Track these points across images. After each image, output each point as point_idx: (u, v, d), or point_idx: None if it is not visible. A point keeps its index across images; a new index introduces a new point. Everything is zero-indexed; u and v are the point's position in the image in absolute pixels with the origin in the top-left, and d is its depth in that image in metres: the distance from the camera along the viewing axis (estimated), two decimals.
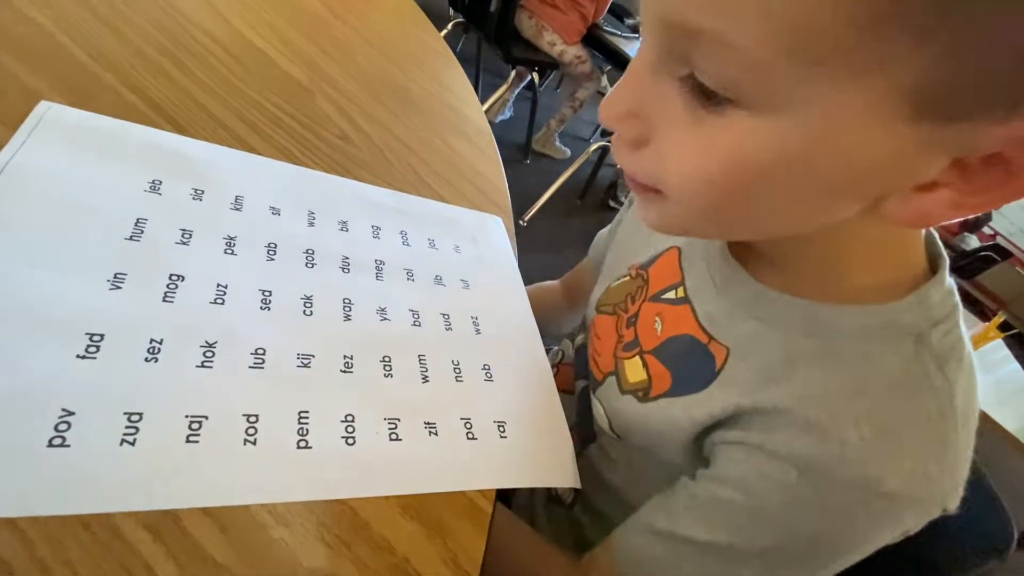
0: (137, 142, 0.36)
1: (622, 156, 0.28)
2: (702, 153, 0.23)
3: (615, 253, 0.50)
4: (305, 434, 0.28)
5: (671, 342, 0.37)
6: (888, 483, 0.26)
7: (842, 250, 0.29)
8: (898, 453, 0.27)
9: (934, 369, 0.28)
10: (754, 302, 0.33)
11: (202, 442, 0.25)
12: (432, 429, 0.32)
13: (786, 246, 0.31)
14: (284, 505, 0.25)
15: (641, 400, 0.37)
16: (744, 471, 0.30)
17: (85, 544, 0.21)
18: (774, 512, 0.29)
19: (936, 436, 0.27)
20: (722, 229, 0.30)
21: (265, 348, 0.30)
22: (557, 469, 0.35)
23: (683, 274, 0.39)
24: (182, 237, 0.32)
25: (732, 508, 0.30)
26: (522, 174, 2.41)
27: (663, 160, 0.25)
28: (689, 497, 0.33)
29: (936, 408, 0.27)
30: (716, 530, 0.31)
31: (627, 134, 0.26)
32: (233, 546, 0.23)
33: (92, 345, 0.25)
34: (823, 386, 0.29)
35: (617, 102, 0.26)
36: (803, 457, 0.28)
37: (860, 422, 0.27)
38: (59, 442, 0.22)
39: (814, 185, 0.23)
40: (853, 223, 0.26)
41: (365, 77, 0.62)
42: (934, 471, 0.27)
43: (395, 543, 0.26)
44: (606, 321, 0.44)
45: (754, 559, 0.30)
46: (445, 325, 0.39)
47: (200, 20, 0.51)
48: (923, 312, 0.29)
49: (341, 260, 0.38)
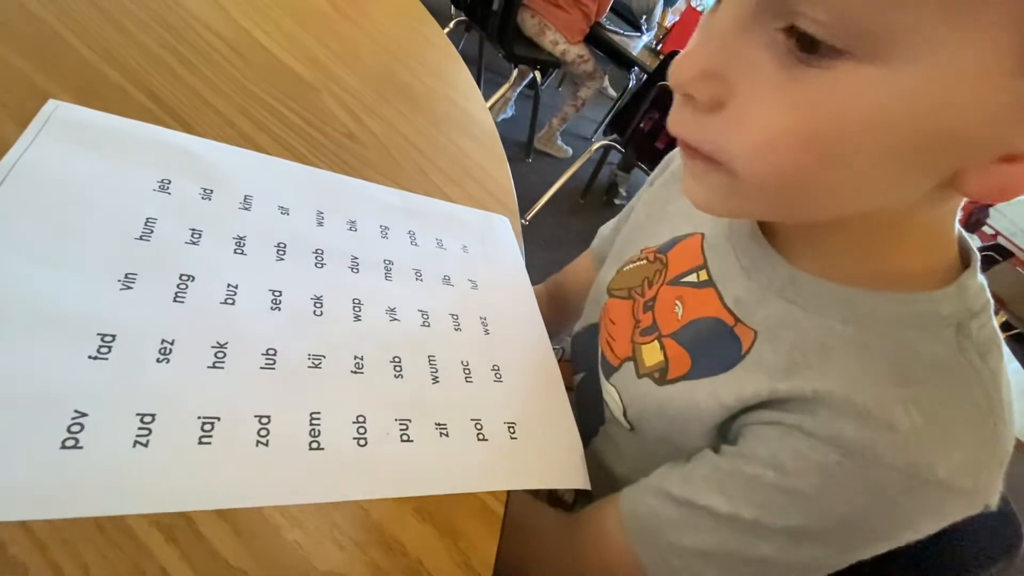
0: (145, 141, 0.35)
1: (686, 123, 0.26)
2: (796, 113, 0.22)
3: (627, 236, 0.49)
4: (317, 435, 0.27)
5: (693, 324, 0.36)
6: (939, 471, 0.26)
7: (886, 236, 0.29)
8: (949, 441, 0.26)
9: (977, 359, 0.27)
10: (787, 285, 0.32)
11: (215, 444, 0.25)
12: (443, 430, 0.31)
13: (827, 230, 0.31)
14: (297, 507, 0.25)
15: (658, 383, 0.36)
16: (777, 449, 0.29)
17: (99, 546, 0.21)
18: (808, 492, 0.28)
19: (986, 426, 0.27)
20: (784, 206, 0.28)
21: (276, 349, 0.30)
22: (567, 470, 0.34)
23: (705, 258, 0.38)
24: (192, 237, 0.32)
25: (759, 484, 0.29)
26: (524, 173, 2.41)
27: (742, 124, 0.24)
28: (712, 468, 0.32)
29: (984, 397, 0.27)
30: (739, 504, 0.30)
31: (703, 96, 0.24)
32: (247, 548, 0.23)
33: (104, 346, 0.25)
34: (864, 371, 0.28)
35: (693, 61, 0.24)
36: (849, 440, 0.27)
37: (909, 407, 0.26)
38: (72, 444, 0.22)
39: (907, 150, 0.22)
40: (907, 207, 0.26)
41: (370, 74, 0.62)
42: (984, 462, 0.26)
43: (408, 545, 0.26)
44: (621, 305, 0.43)
45: (778, 535, 0.29)
46: (454, 325, 0.38)
47: (206, 18, 0.51)
48: (962, 303, 0.28)
49: (350, 260, 0.38)
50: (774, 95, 0.23)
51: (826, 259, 0.32)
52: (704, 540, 0.31)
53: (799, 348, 0.30)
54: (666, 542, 0.32)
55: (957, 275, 0.29)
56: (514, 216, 0.55)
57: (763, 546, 0.29)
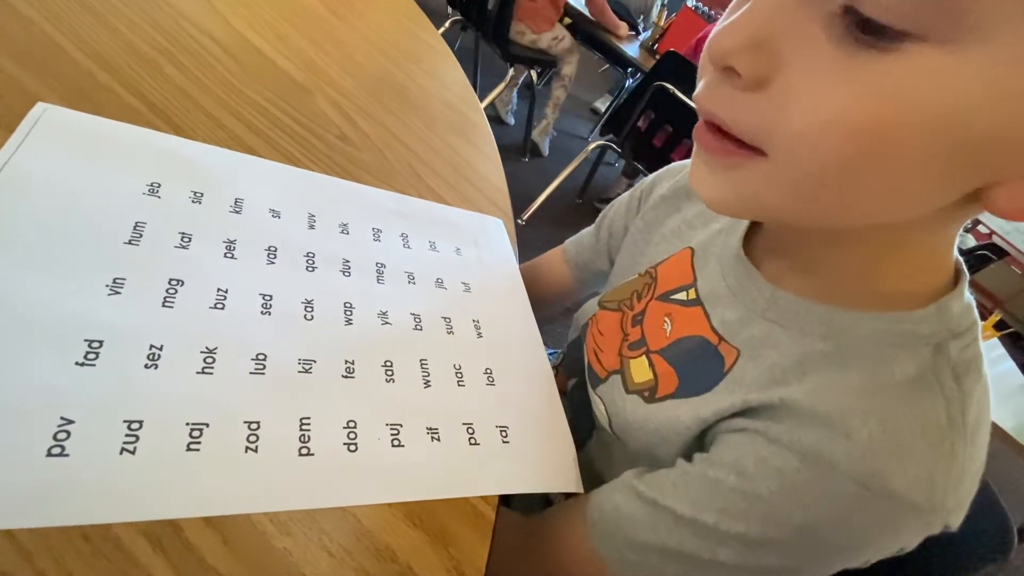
0: (135, 144, 0.35)
1: (724, 100, 0.24)
2: (853, 97, 0.20)
3: (628, 253, 0.49)
4: (307, 441, 0.27)
5: (680, 343, 0.37)
6: (892, 484, 0.26)
7: (881, 257, 0.29)
8: (904, 455, 0.26)
9: (949, 380, 0.27)
10: (769, 306, 0.33)
11: (203, 450, 0.25)
12: (435, 435, 0.31)
13: (820, 250, 0.31)
14: (286, 514, 0.25)
15: (647, 400, 0.36)
16: (741, 455, 0.29)
17: (85, 556, 0.20)
18: (766, 497, 0.28)
19: (944, 446, 0.26)
20: (810, 203, 0.25)
21: (266, 354, 0.30)
22: (560, 474, 0.34)
23: (695, 276, 0.39)
24: (181, 241, 0.32)
25: (721, 487, 0.29)
26: (520, 173, 2.41)
27: (792, 104, 0.22)
28: (680, 473, 0.32)
29: (946, 417, 0.27)
30: (701, 508, 0.30)
31: (749, 69, 0.22)
32: (235, 556, 0.23)
33: (91, 352, 0.25)
34: (834, 383, 0.29)
35: (740, 30, 0.22)
36: (807, 447, 0.27)
37: (869, 419, 0.27)
38: (58, 451, 0.22)
39: (951, 151, 0.21)
40: (918, 224, 0.25)
41: (364, 76, 0.62)
42: (939, 480, 0.26)
43: (398, 551, 0.26)
44: (609, 317, 0.44)
45: (733, 541, 0.29)
46: (447, 329, 0.38)
47: (198, 19, 0.51)
48: (942, 323, 0.28)
49: (342, 263, 0.38)
50: (829, 76, 0.21)
51: (811, 279, 0.32)
52: (662, 540, 0.31)
53: (779, 365, 0.31)
54: (624, 537, 0.32)
55: (942, 296, 0.29)
56: (508, 218, 0.54)
57: (721, 551, 0.29)
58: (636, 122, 1.88)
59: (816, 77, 0.21)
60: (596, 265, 0.56)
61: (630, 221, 0.51)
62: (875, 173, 0.22)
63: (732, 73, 0.23)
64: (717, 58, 0.23)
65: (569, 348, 0.51)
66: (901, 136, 0.21)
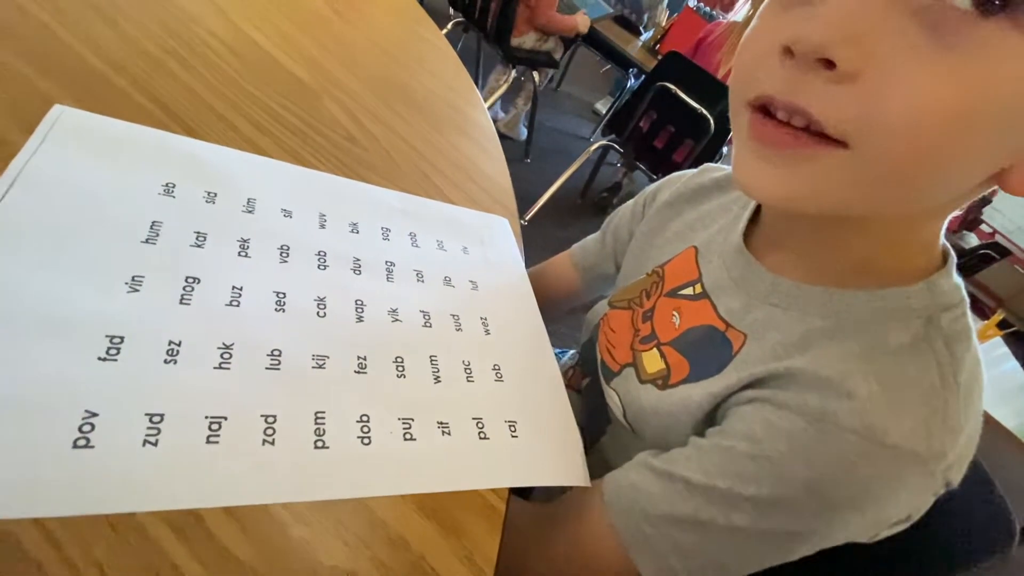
0: (150, 145, 0.36)
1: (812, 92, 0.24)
2: (949, 86, 0.21)
3: (634, 257, 0.51)
4: (322, 434, 0.28)
5: (689, 332, 0.39)
6: (891, 435, 0.27)
7: (883, 243, 0.31)
8: (901, 409, 0.28)
9: (941, 346, 0.29)
10: (770, 292, 0.35)
11: (222, 443, 0.25)
12: (445, 429, 0.32)
13: (822, 240, 0.33)
14: (303, 504, 0.26)
15: (660, 388, 0.38)
16: (750, 422, 0.31)
17: (112, 544, 0.21)
18: (775, 458, 0.29)
19: (937, 401, 0.28)
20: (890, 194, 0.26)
21: (281, 349, 0.30)
22: (568, 467, 0.35)
23: (700, 272, 0.41)
24: (197, 240, 0.33)
25: (733, 454, 0.31)
26: (523, 173, 2.42)
27: (885, 97, 0.22)
28: (693, 447, 0.33)
29: (939, 377, 0.28)
30: (714, 475, 0.31)
31: (845, 62, 0.22)
32: (254, 545, 0.23)
33: (112, 347, 0.26)
34: (834, 352, 0.30)
35: (836, 22, 0.22)
36: (813, 408, 0.29)
37: (868, 378, 0.28)
38: (83, 443, 0.23)
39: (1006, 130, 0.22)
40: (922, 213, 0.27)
41: (369, 77, 0.62)
42: (935, 430, 0.27)
43: (411, 541, 0.27)
44: (620, 315, 0.46)
45: (746, 503, 0.30)
46: (455, 326, 0.39)
47: (206, 22, 0.52)
48: (933, 298, 0.30)
49: (352, 262, 0.38)
50: (921, 66, 0.21)
51: (809, 266, 0.34)
52: (678, 509, 0.31)
53: (782, 343, 0.33)
54: (640, 511, 0.33)
55: (932, 274, 0.31)
56: (513, 217, 0.55)
57: (735, 515, 0.30)
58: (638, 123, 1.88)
59: (908, 68, 0.22)
60: (601, 268, 0.58)
61: (635, 227, 0.53)
62: (951, 159, 0.23)
63: (823, 65, 0.23)
64: (810, 50, 0.23)
65: (583, 349, 0.53)
66: (983, 122, 0.21)
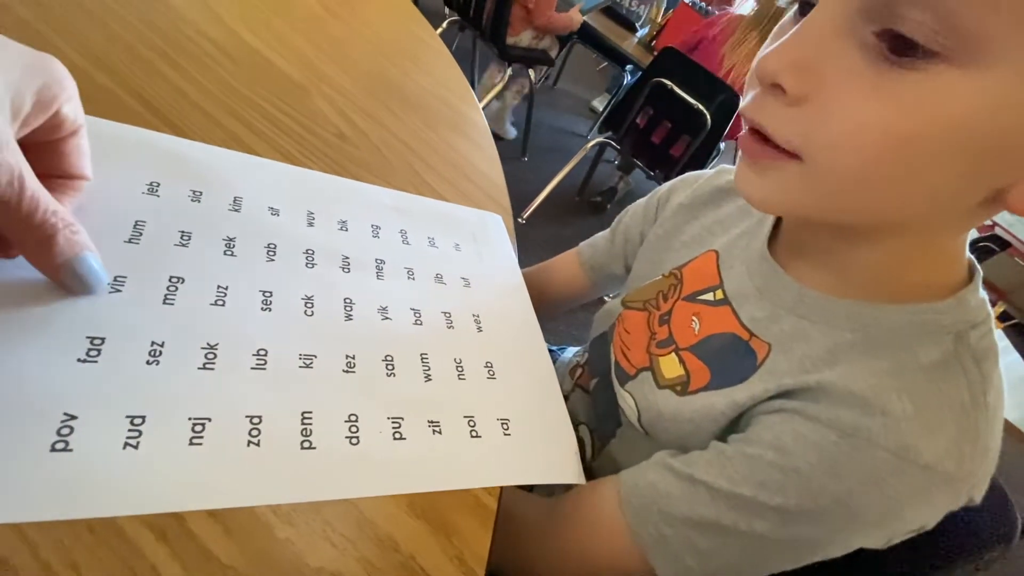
0: (134, 144, 0.35)
1: (768, 112, 0.27)
2: (885, 110, 0.23)
3: (648, 260, 0.50)
4: (308, 434, 0.27)
5: (710, 339, 0.38)
6: (924, 455, 0.27)
7: (904, 255, 0.31)
8: (934, 429, 0.28)
9: (971, 364, 0.29)
10: (797, 303, 0.34)
11: (205, 444, 0.25)
12: (436, 427, 0.31)
13: (844, 250, 0.33)
14: (289, 505, 0.25)
15: (680, 394, 0.37)
16: (779, 432, 0.31)
17: (91, 547, 0.21)
18: (805, 470, 0.29)
19: (968, 421, 0.28)
20: (846, 202, 0.28)
21: (267, 349, 0.30)
22: (561, 465, 0.35)
23: (721, 277, 0.40)
24: (181, 239, 0.32)
25: (760, 463, 0.31)
26: (520, 171, 2.41)
27: (830, 116, 0.25)
28: (716, 452, 0.33)
29: (969, 397, 0.29)
30: (739, 483, 0.31)
31: (793, 87, 0.26)
32: (239, 547, 0.23)
33: (93, 349, 0.25)
34: (864, 367, 0.30)
35: (786, 52, 0.26)
36: (846, 423, 0.29)
37: (902, 395, 0.28)
38: (62, 446, 0.22)
39: (976, 157, 0.24)
40: (940, 225, 0.28)
41: (362, 75, 0.62)
42: (967, 451, 0.28)
43: (401, 541, 0.26)
44: (636, 316, 0.45)
45: (771, 512, 0.30)
46: (447, 323, 0.38)
47: (194, 19, 0.51)
48: (962, 314, 0.30)
49: (341, 260, 0.38)
50: (864, 92, 0.24)
51: (836, 276, 0.34)
52: (699, 512, 0.31)
53: (809, 357, 0.32)
54: (659, 511, 0.33)
55: (960, 290, 0.31)
56: (507, 214, 0.55)
57: (757, 523, 0.30)
58: (635, 119, 1.88)
59: (853, 94, 0.24)
60: (611, 268, 0.57)
61: (647, 228, 0.52)
62: (898, 175, 0.25)
63: (778, 89, 0.26)
64: (765, 76, 0.27)
65: (591, 347, 0.52)
66: (922, 143, 0.23)
